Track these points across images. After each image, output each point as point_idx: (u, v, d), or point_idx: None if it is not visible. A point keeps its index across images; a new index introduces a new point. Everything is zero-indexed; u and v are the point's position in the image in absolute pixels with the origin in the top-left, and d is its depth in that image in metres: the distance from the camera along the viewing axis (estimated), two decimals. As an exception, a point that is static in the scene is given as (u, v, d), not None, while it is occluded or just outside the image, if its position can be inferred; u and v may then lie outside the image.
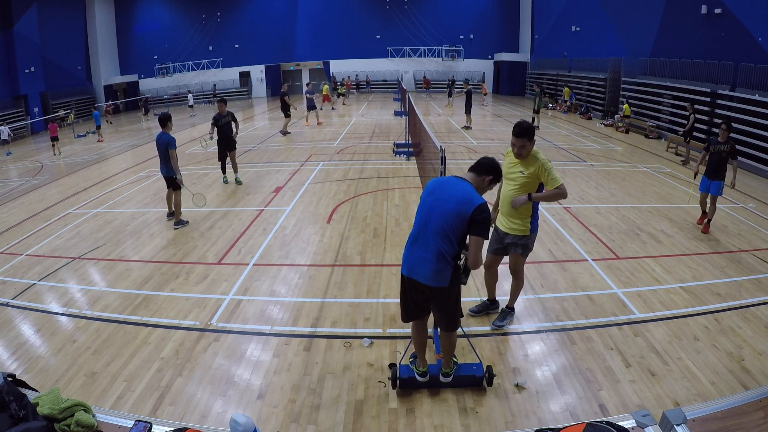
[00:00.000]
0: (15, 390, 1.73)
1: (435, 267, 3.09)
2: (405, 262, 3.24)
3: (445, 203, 3.10)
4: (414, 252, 3.18)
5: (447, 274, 3.11)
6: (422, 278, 3.14)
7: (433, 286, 3.14)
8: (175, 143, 7.23)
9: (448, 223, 3.06)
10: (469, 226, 3.05)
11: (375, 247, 6.45)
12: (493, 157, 3.41)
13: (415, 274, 3.17)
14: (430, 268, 3.10)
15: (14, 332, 4.71)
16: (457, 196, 3.10)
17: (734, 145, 6.77)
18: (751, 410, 1.54)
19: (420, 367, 3.59)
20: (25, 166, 14.43)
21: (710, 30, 13.80)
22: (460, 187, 3.14)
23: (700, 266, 5.79)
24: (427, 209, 3.17)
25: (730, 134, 6.84)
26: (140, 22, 33.78)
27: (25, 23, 24.26)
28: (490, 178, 3.27)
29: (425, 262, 3.11)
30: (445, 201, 3.11)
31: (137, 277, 5.81)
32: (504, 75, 32.69)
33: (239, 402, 3.58)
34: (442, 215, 3.08)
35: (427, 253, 3.10)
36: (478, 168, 3.28)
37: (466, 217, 3.02)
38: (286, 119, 16.25)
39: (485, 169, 3.26)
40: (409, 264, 3.20)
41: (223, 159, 9.97)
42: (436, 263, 3.08)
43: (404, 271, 3.24)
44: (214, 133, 9.55)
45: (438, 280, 3.12)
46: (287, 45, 35.11)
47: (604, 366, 3.90)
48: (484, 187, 3.29)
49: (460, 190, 3.13)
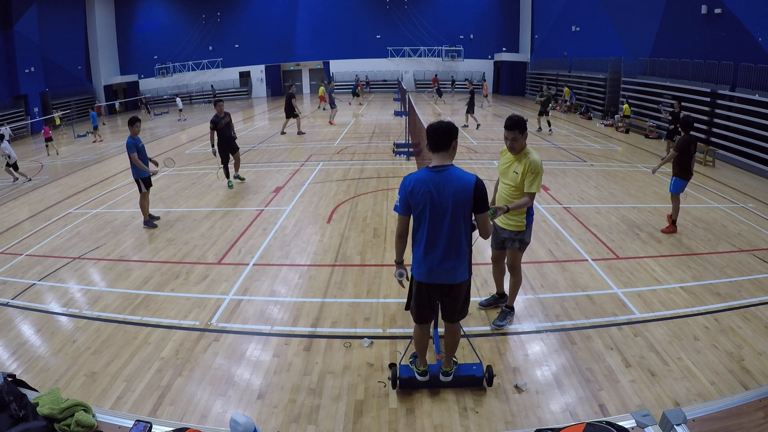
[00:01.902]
0: (15, 390, 1.73)
1: (457, 266, 3.15)
2: (421, 269, 3.18)
3: (446, 198, 3.01)
4: (431, 260, 3.13)
5: (467, 266, 3.21)
6: (446, 279, 3.18)
7: (457, 283, 3.21)
8: (130, 148, 7.27)
9: (457, 216, 3.05)
10: (476, 204, 3.06)
11: (375, 247, 6.45)
12: (436, 121, 3.16)
13: (436, 278, 3.18)
14: (453, 269, 3.15)
15: (14, 332, 4.71)
16: (453, 186, 3.01)
17: (680, 140, 6.69)
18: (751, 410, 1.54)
19: (420, 366, 3.59)
20: (25, 166, 14.42)
21: (710, 30, 13.80)
22: (447, 175, 3.03)
23: (700, 266, 5.79)
24: (429, 211, 3.06)
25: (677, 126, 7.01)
26: (140, 22, 33.78)
27: (25, 23, 24.25)
28: (454, 143, 3.09)
29: (446, 266, 3.14)
30: (445, 197, 3.01)
31: (137, 277, 5.81)
32: (504, 75, 32.69)
33: (239, 402, 3.58)
34: (450, 213, 3.02)
35: (447, 257, 3.12)
36: (439, 142, 3.06)
37: (470, 199, 3.03)
38: (287, 119, 16.04)
39: (443, 136, 3.06)
40: (428, 271, 3.16)
41: (226, 162, 9.58)
42: (457, 263, 3.14)
43: (422, 278, 3.21)
44: (215, 137, 9.23)
45: (461, 276, 3.20)
46: (287, 45, 35.12)
47: (604, 366, 3.90)
48: (452, 155, 3.12)
49: (449, 177, 3.02)
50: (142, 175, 7.44)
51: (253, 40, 34.40)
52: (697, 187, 9.47)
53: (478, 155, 12.26)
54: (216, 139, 9.30)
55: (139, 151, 7.36)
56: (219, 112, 9.25)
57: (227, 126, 9.39)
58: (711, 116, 12.94)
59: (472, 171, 3.19)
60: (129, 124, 7.36)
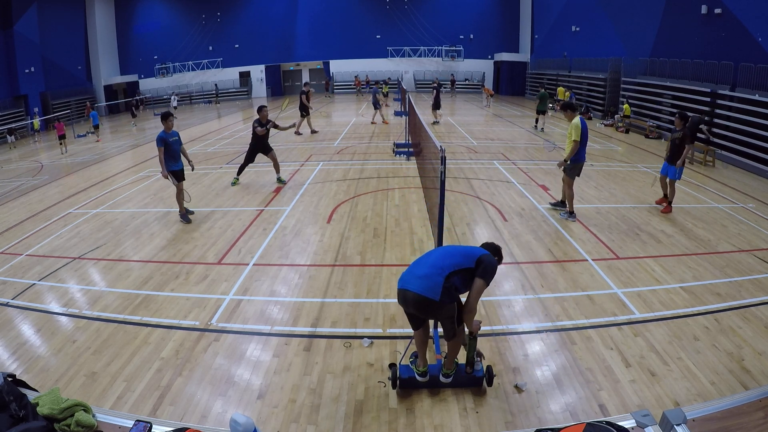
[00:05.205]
0: (15, 390, 1.73)
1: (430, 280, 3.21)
2: (401, 278, 3.39)
3: (454, 247, 3.58)
4: (411, 271, 3.38)
5: (439, 287, 3.18)
6: (413, 287, 3.23)
7: (424, 296, 3.18)
8: (158, 141, 7.40)
9: (452, 254, 3.36)
10: (477, 265, 3.28)
11: (375, 247, 6.45)
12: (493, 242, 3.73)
13: (408, 284, 3.28)
14: (425, 280, 3.22)
15: (14, 332, 4.71)
16: (467, 247, 3.52)
17: (687, 133, 7.66)
18: (751, 410, 1.55)
19: (420, 366, 3.59)
20: (25, 166, 14.44)
21: (710, 30, 13.81)
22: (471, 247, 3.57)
23: (700, 266, 5.79)
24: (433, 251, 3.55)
25: (685, 123, 7.69)
26: (140, 22, 33.78)
27: (25, 23, 24.27)
28: (497, 258, 3.54)
29: (420, 276, 3.26)
30: (454, 246, 3.63)
31: (137, 277, 5.81)
32: (504, 75, 32.71)
33: (239, 402, 3.58)
34: (449, 250, 3.45)
35: (426, 268, 3.30)
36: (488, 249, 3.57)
37: (474, 256, 3.29)
38: (301, 119, 15.99)
39: (493, 250, 3.57)
40: (404, 279, 3.36)
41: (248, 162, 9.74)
42: (431, 276, 3.22)
43: (399, 284, 3.38)
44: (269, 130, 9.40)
45: (429, 291, 3.18)
46: (287, 45, 35.11)
47: (604, 366, 3.90)
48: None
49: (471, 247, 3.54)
50: (170, 168, 7.51)
51: (253, 40, 34.39)
52: (697, 187, 9.47)
53: (478, 155, 12.25)
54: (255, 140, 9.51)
55: (169, 145, 7.46)
56: (263, 118, 9.34)
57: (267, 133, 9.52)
58: (711, 116, 12.94)
59: (472, 171, 3.21)
60: (162, 119, 7.55)
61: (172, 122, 7.56)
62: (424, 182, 7.55)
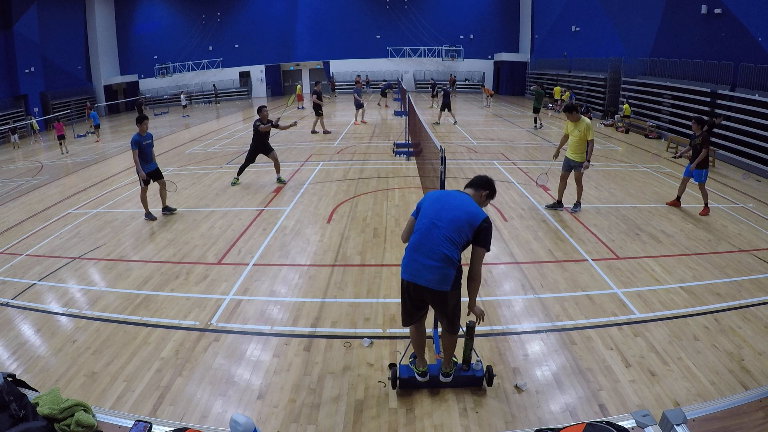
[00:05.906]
0: (15, 390, 1.73)
1: (441, 272, 3.09)
2: (407, 268, 3.21)
3: (454, 210, 3.16)
4: (416, 259, 3.15)
5: (451, 277, 3.13)
6: (425, 282, 3.12)
7: (436, 290, 3.14)
8: (132, 144, 7.51)
9: (456, 229, 3.11)
10: (476, 236, 3.13)
11: (375, 247, 6.45)
12: (486, 174, 3.54)
13: (418, 278, 3.14)
14: (436, 273, 3.09)
15: (14, 332, 4.71)
16: (464, 205, 3.19)
17: (706, 136, 7.63)
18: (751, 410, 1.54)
19: (420, 366, 3.59)
20: (25, 166, 14.44)
21: (710, 30, 13.80)
22: (466, 198, 3.27)
23: (700, 266, 5.79)
24: (432, 215, 3.18)
25: (703, 128, 7.71)
26: (140, 22, 33.77)
27: (25, 23, 24.25)
28: (487, 192, 3.42)
29: (430, 268, 3.09)
30: (453, 208, 3.17)
31: (137, 277, 5.81)
32: (504, 75, 32.69)
33: (239, 402, 3.58)
34: (452, 221, 3.13)
35: (433, 259, 3.09)
36: (476, 184, 3.44)
37: (475, 225, 3.11)
38: (317, 117, 16.31)
39: (482, 185, 3.42)
40: (411, 270, 3.17)
41: (249, 162, 9.79)
42: (441, 268, 3.08)
43: (406, 276, 3.21)
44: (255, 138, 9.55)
45: (442, 284, 3.12)
46: (287, 45, 35.11)
47: (604, 366, 3.90)
48: (482, 202, 3.41)
49: (466, 200, 3.25)
50: (144, 169, 7.67)
51: (253, 40, 34.39)
52: (696, 186, 9.45)
53: (478, 155, 12.25)
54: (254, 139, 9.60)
55: (143, 147, 7.62)
56: (263, 118, 9.39)
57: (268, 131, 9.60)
58: (711, 116, 12.93)
59: (472, 171, 3.21)
60: (137, 122, 7.69)
61: (147, 125, 7.73)
62: (424, 182, 7.55)
